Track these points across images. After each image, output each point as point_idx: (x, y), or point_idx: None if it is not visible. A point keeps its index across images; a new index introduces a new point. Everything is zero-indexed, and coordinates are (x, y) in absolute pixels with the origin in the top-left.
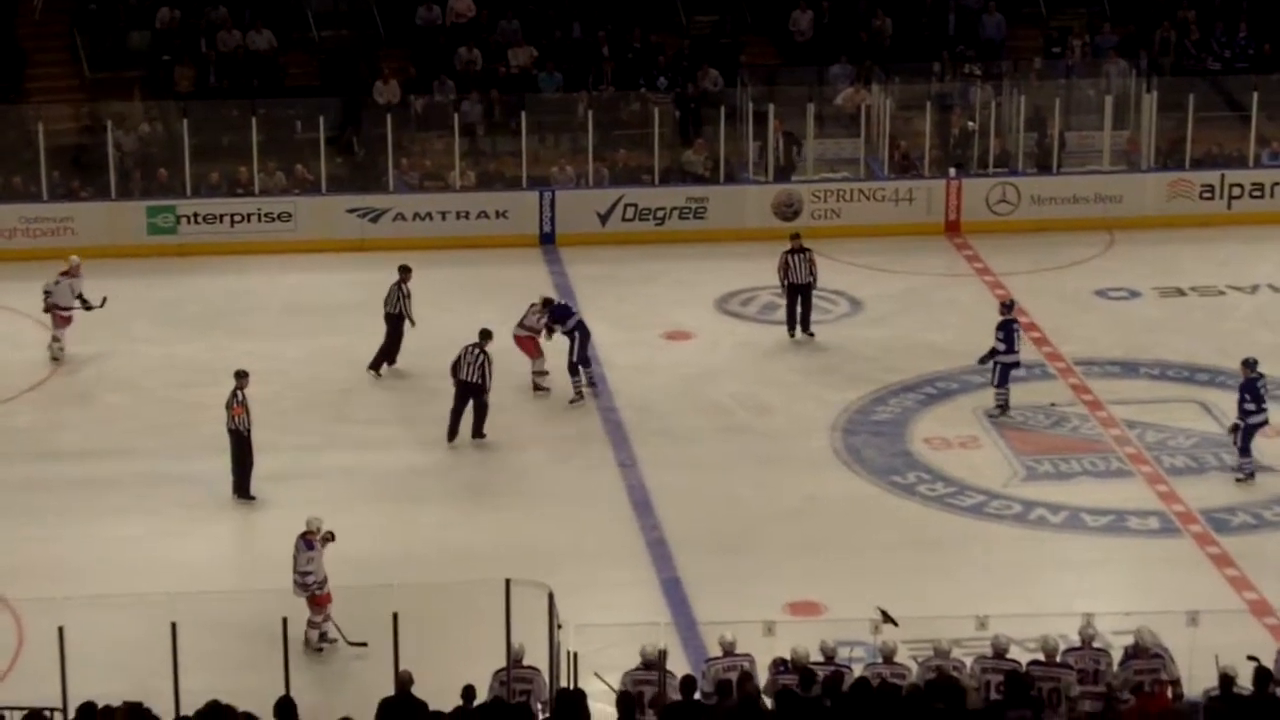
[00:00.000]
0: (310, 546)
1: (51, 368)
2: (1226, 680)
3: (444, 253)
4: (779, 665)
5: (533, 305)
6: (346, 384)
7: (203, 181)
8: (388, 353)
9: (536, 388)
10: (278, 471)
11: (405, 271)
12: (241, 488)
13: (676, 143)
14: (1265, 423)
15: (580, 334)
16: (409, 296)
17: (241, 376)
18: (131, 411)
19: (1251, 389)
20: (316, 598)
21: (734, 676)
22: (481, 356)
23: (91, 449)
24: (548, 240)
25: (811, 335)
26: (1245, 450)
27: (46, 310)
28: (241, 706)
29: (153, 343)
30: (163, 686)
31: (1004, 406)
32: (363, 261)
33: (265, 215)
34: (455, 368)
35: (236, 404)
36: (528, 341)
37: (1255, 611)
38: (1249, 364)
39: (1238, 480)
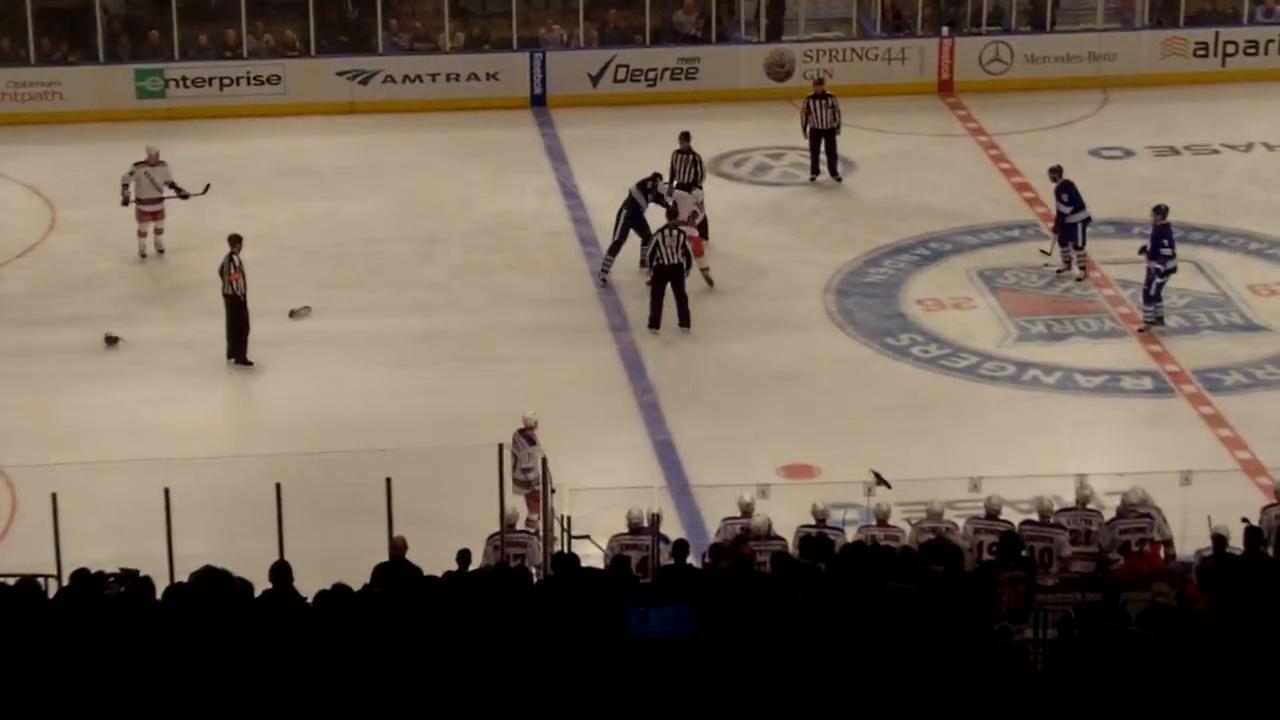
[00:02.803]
0: (532, 442)
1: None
2: (1219, 540)
3: (434, 115)
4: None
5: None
6: (337, 249)
7: (190, 44)
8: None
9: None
10: (271, 337)
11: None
12: (238, 353)
13: (668, 2)
14: (1174, 270)
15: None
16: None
17: (236, 241)
18: (123, 277)
19: (1167, 235)
20: (537, 493)
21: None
22: (680, 235)
23: (83, 315)
24: (539, 102)
25: (839, 179)
26: (1155, 298)
27: (124, 203)
28: (237, 572)
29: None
30: (157, 552)
31: (1081, 268)
32: (353, 124)
33: (254, 78)
34: (653, 255)
35: (234, 269)
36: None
37: (1248, 471)
38: (1160, 210)
39: (1142, 329)
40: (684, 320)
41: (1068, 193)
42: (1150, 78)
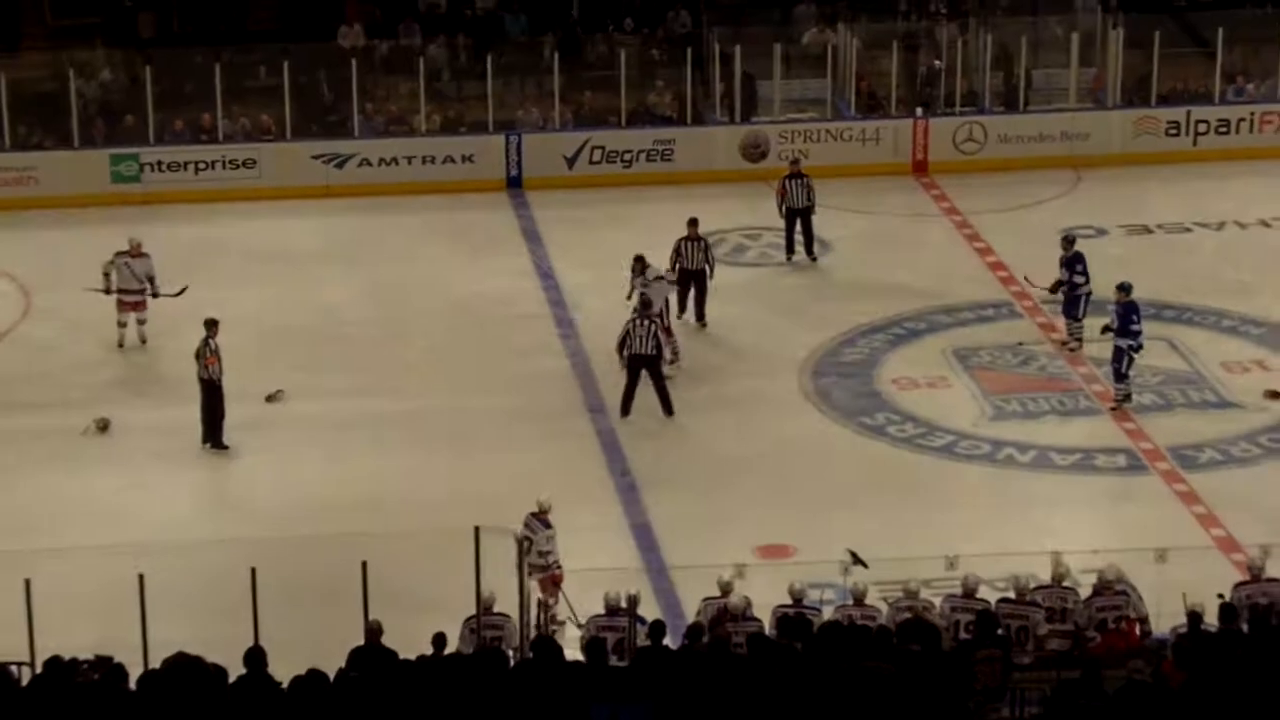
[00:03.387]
0: (548, 525)
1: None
2: (1194, 617)
3: (410, 197)
4: (720, 614)
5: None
6: (314, 331)
7: (166, 129)
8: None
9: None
10: (247, 420)
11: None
12: (213, 436)
13: (643, 84)
14: (1141, 346)
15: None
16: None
17: (212, 325)
18: (98, 362)
19: (1135, 311)
20: (555, 576)
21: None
22: (652, 325)
23: (58, 400)
24: (515, 184)
25: (814, 259)
26: (1124, 375)
27: (106, 292)
28: (211, 657)
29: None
30: (131, 638)
31: (1078, 340)
32: (329, 207)
33: (230, 162)
34: (623, 344)
35: (209, 353)
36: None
37: (1222, 548)
38: (1124, 288)
39: (1111, 409)
40: (666, 409)
41: (1081, 264)
42: (1123, 157)
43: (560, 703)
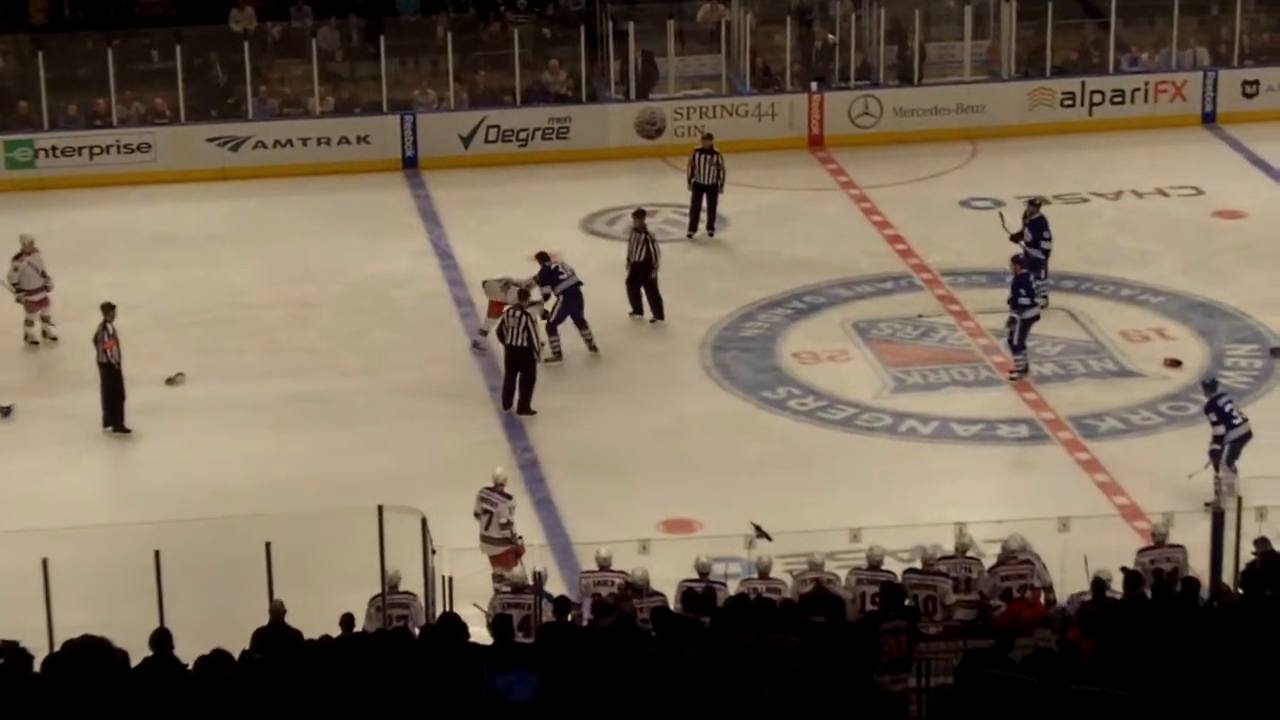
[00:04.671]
0: (508, 497)
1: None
2: (1099, 584)
3: (306, 179)
4: (624, 589)
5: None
6: (212, 315)
7: (60, 114)
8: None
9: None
10: (147, 404)
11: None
12: (114, 420)
13: (537, 63)
14: (1037, 317)
15: (568, 298)
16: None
17: (109, 310)
18: None
19: (1025, 283)
20: (518, 548)
21: (604, 591)
22: (524, 318)
23: None
24: (410, 164)
25: (712, 234)
26: (1020, 346)
27: (18, 300)
28: (118, 640)
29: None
30: (36, 624)
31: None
32: (225, 190)
33: (124, 146)
34: (501, 333)
35: (107, 337)
36: (495, 306)
37: (1126, 516)
38: (1017, 259)
39: (1012, 377)
40: (522, 405)
41: (1048, 229)
42: (1018, 128)
43: (464, 681)
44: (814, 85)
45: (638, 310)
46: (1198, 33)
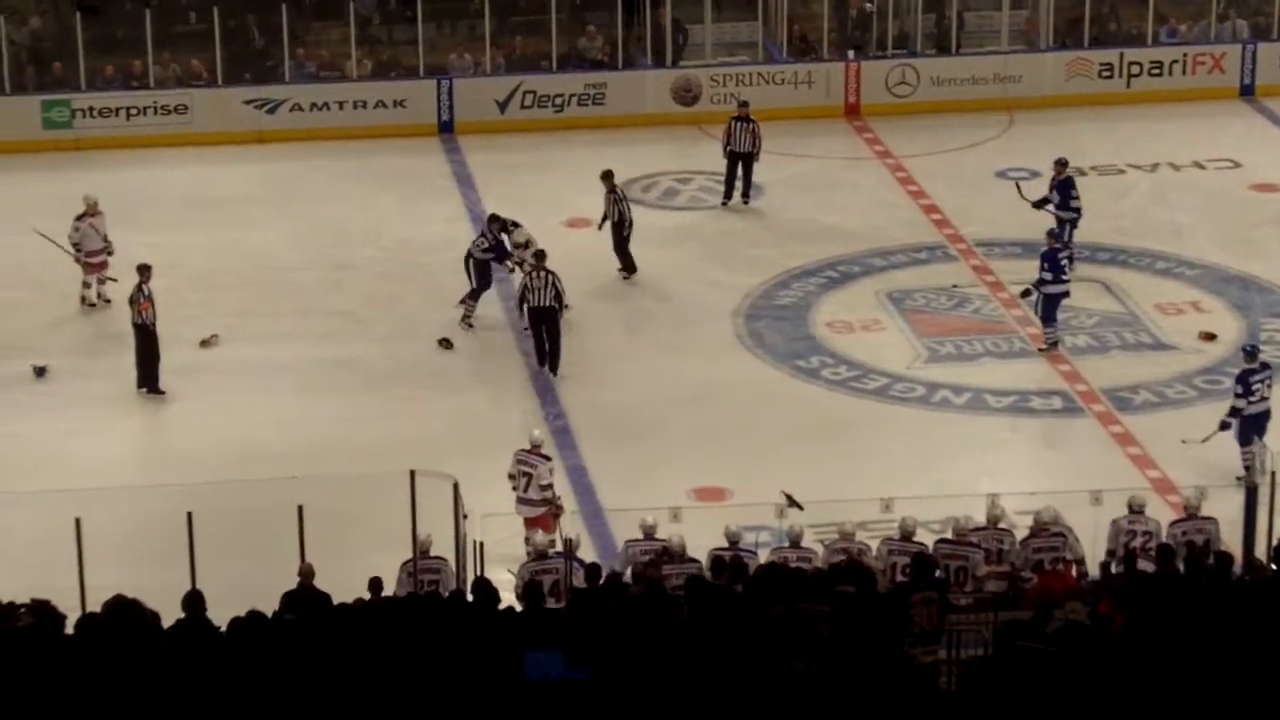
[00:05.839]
0: (547, 458)
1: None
2: (1130, 558)
3: (341, 143)
4: (660, 555)
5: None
6: (246, 277)
7: (97, 75)
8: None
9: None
10: (181, 365)
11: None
12: (149, 382)
13: (574, 29)
14: (1066, 294)
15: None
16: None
17: (145, 271)
18: (33, 308)
19: (1051, 259)
20: (557, 508)
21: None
22: (549, 276)
23: None
24: (446, 129)
25: (747, 203)
26: (1049, 319)
27: (77, 260)
28: (149, 601)
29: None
30: (68, 583)
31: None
32: (260, 153)
33: (161, 108)
34: (522, 299)
35: (143, 299)
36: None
37: (1158, 489)
38: (1051, 233)
39: (1041, 351)
40: (554, 365)
41: (1074, 188)
42: (1056, 99)
43: (496, 651)
44: (851, 54)
45: (629, 269)
46: (1237, 5)
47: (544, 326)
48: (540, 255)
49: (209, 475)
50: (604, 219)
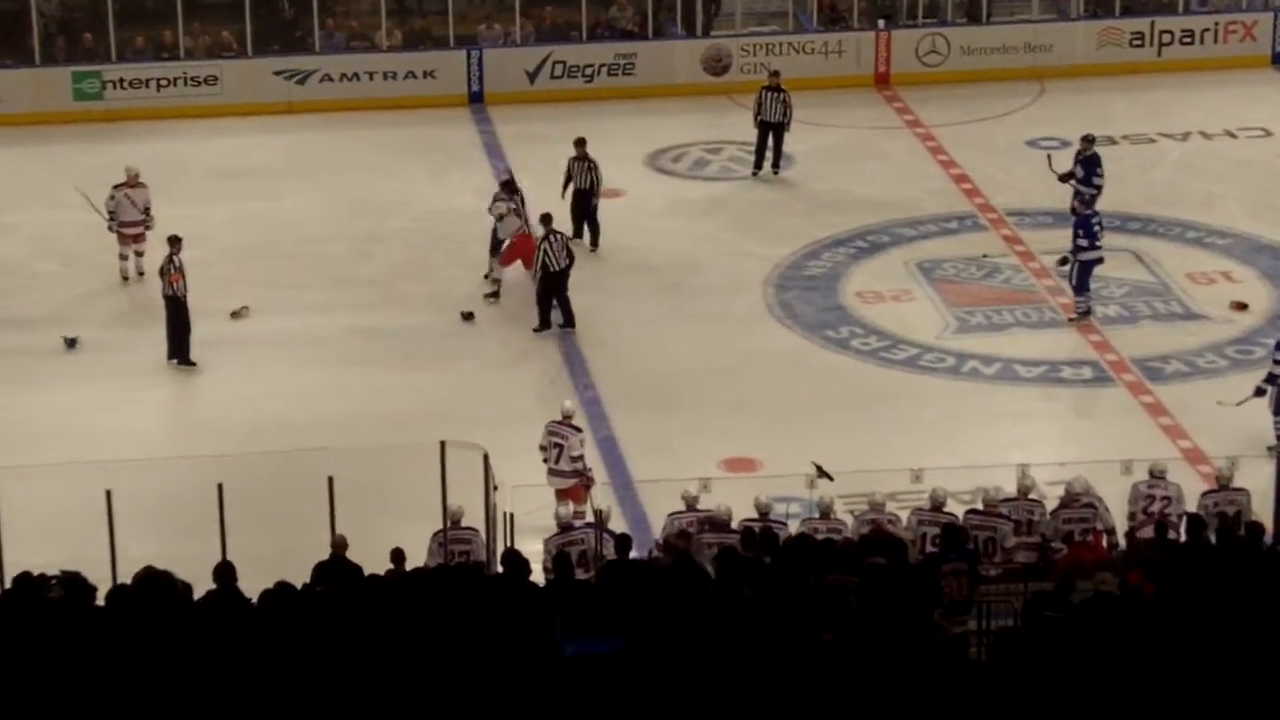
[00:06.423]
0: (578, 429)
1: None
2: (1161, 528)
3: (372, 113)
4: (704, 524)
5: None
6: (276, 248)
7: (128, 46)
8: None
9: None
10: (211, 337)
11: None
12: (179, 353)
13: None
14: (1100, 260)
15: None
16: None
17: (175, 242)
18: (64, 280)
19: (1085, 225)
20: (588, 479)
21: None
22: (561, 238)
23: (24, 318)
24: (476, 99)
25: (777, 172)
26: (1083, 287)
27: (110, 229)
28: (180, 573)
29: (82, 209)
30: (100, 555)
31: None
32: (291, 123)
33: (191, 79)
34: (545, 265)
35: (174, 270)
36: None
37: (1189, 459)
38: (1084, 200)
39: (1071, 319)
40: (569, 320)
41: (1099, 165)
42: (1086, 68)
43: (528, 623)
44: (881, 23)
45: (578, 234)
46: None
47: (556, 289)
48: (547, 219)
49: (240, 447)
50: (567, 183)
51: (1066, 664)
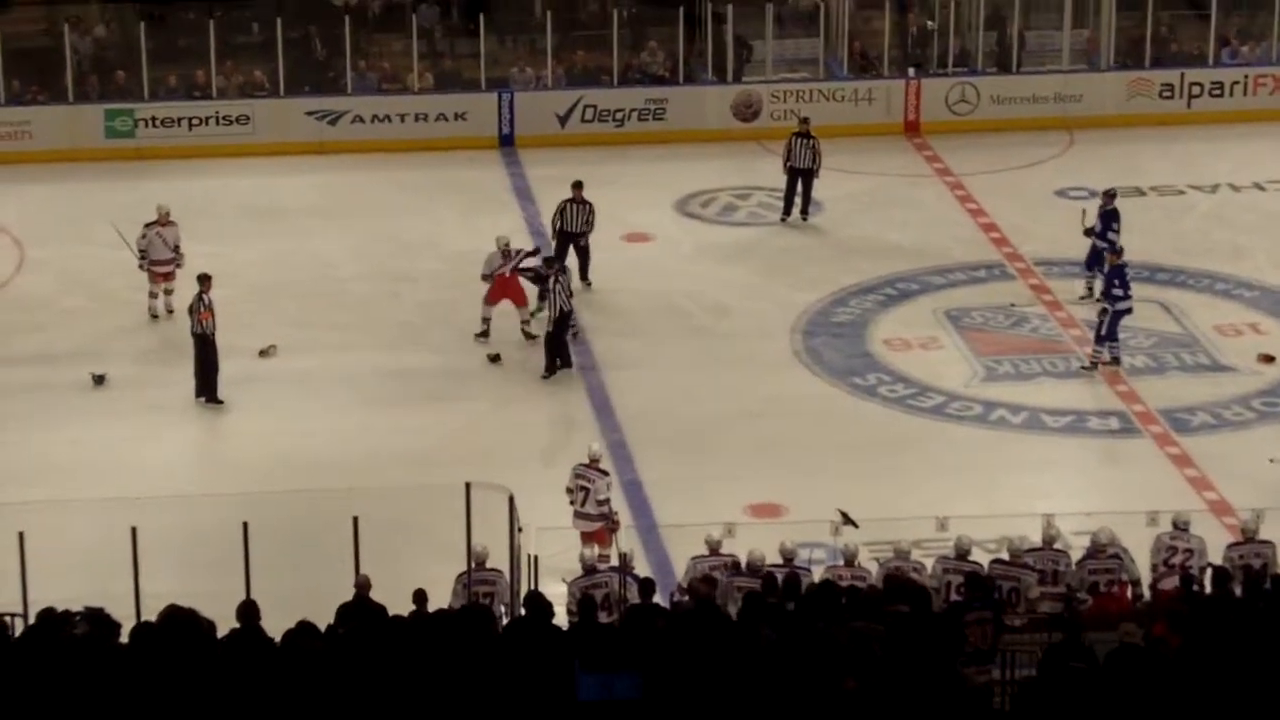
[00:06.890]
0: (605, 473)
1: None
2: (1187, 580)
3: (402, 155)
4: (734, 569)
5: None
6: (306, 287)
7: (160, 85)
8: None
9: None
10: (239, 375)
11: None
12: (207, 391)
13: (635, 43)
14: (1130, 310)
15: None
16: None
17: (205, 280)
18: (93, 316)
19: (1119, 275)
20: (615, 522)
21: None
22: (567, 278)
23: (52, 354)
24: (507, 142)
25: (805, 219)
26: (1111, 336)
27: (141, 267)
28: (204, 611)
29: (112, 246)
30: (124, 591)
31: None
32: (321, 164)
33: (223, 118)
34: (559, 305)
35: (203, 308)
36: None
37: (1215, 511)
38: (1116, 250)
39: (1084, 368)
40: (567, 361)
41: (1118, 221)
42: (1116, 119)
43: (549, 665)
44: (911, 71)
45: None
46: None
47: (567, 329)
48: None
49: (265, 485)
50: (558, 225)
51: (1090, 715)
